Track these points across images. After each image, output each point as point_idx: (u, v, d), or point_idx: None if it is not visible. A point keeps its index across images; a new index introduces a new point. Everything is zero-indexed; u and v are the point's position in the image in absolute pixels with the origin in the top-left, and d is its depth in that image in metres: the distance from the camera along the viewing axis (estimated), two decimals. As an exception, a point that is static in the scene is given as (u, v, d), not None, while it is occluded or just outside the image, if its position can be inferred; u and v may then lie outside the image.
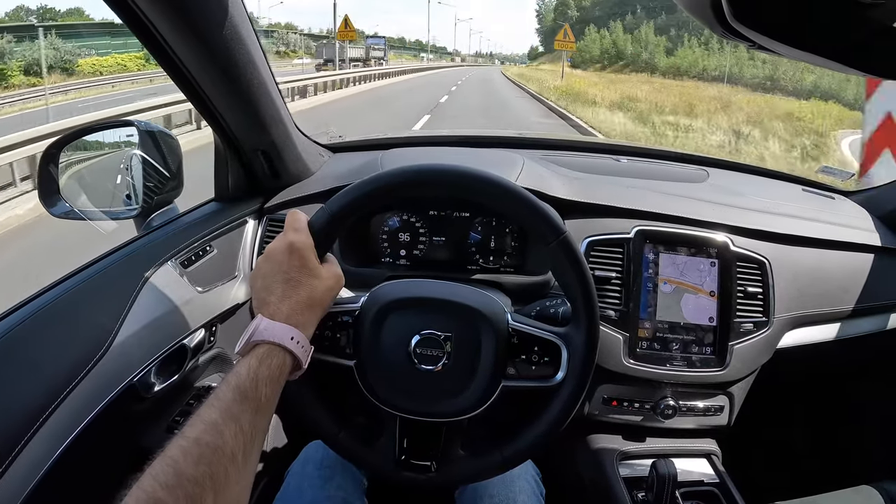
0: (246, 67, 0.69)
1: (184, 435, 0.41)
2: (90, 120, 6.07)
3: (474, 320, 0.59)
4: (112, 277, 0.70)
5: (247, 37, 0.67)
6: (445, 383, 0.58)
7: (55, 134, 6.06)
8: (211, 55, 0.66)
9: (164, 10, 0.58)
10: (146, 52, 0.64)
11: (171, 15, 0.59)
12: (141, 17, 0.58)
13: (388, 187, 0.59)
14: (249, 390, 0.45)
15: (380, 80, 20.22)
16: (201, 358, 0.80)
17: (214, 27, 0.62)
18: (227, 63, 0.67)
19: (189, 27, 0.62)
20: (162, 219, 0.86)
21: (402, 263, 0.89)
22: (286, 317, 0.50)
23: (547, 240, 0.58)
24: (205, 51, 0.65)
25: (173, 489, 0.37)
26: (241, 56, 0.67)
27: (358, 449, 0.61)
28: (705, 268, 0.83)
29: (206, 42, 0.64)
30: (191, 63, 0.67)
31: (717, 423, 0.87)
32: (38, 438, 0.55)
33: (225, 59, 0.67)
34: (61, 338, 0.62)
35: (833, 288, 0.89)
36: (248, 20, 0.68)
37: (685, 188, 0.95)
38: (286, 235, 0.54)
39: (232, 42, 0.65)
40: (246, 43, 0.67)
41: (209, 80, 0.70)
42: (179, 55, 0.65)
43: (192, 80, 0.69)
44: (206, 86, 0.71)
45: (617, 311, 0.82)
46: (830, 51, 0.36)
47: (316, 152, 1.01)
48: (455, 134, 1.22)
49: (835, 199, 1.04)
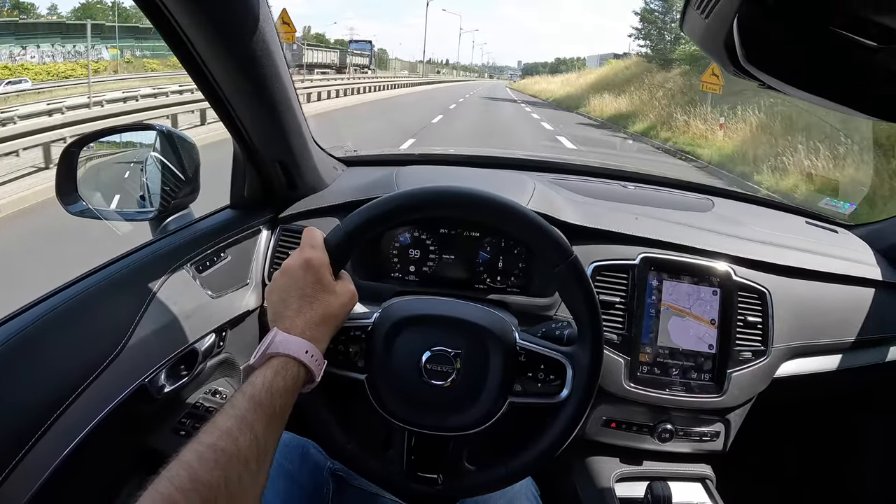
0: (273, 81, 0.72)
1: (199, 440, 0.42)
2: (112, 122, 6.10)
3: (484, 338, 0.61)
4: (129, 279, 0.71)
5: (275, 52, 0.69)
6: (454, 398, 0.60)
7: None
8: (241, 69, 0.68)
9: (200, 24, 0.60)
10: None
11: (206, 28, 0.61)
12: (176, 27, 0.60)
13: (405, 208, 0.61)
14: (264, 400, 0.46)
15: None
16: (209, 362, 0.82)
17: (247, 42, 0.65)
18: (256, 77, 0.70)
19: (223, 41, 0.64)
20: (178, 223, 0.87)
21: (411, 279, 0.91)
22: (301, 331, 0.52)
23: (555, 262, 0.60)
24: (236, 64, 0.67)
25: (188, 493, 0.38)
26: (269, 70, 0.69)
27: (366, 460, 0.62)
28: (707, 296, 0.85)
29: (238, 56, 0.66)
30: (220, 74, 0.69)
31: (713, 448, 0.89)
32: (51, 435, 0.57)
33: (254, 74, 0.69)
34: (77, 336, 0.64)
35: (832, 320, 0.91)
36: (277, 36, 0.70)
37: (690, 217, 0.97)
38: (303, 252, 0.56)
39: (262, 57, 0.67)
40: (274, 58, 0.69)
41: (236, 91, 0.72)
42: (209, 66, 0.67)
43: (220, 90, 0.71)
44: (233, 97, 0.73)
45: (619, 336, 0.83)
46: (837, 94, 0.38)
47: (331, 165, 1.03)
48: (467, 153, 1.24)
49: (838, 233, 1.06)
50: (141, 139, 0.95)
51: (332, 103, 12.97)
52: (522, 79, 64.45)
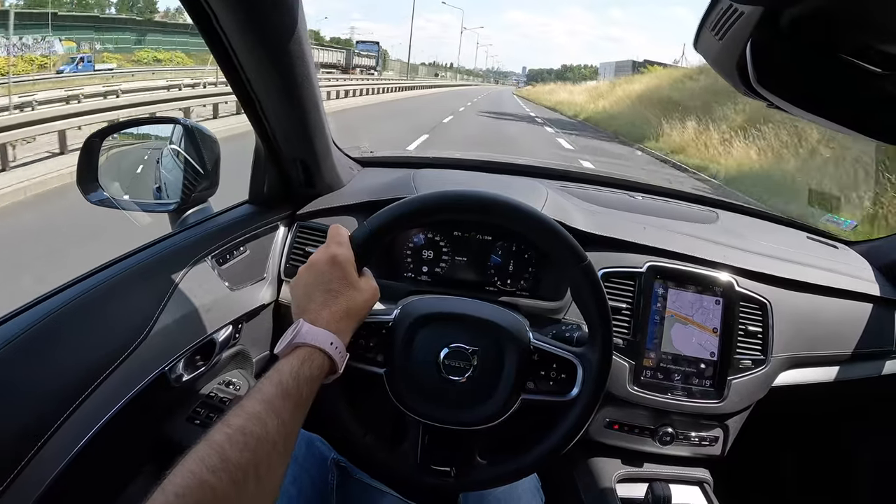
0: (304, 80, 0.74)
1: (228, 423, 0.43)
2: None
3: (500, 337, 0.63)
4: (154, 269, 0.73)
5: (308, 52, 0.72)
6: (470, 394, 0.63)
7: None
8: (274, 69, 0.70)
9: (241, 22, 0.62)
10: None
11: (246, 26, 0.63)
12: (215, 25, 0.62)
13: (429, 209, 0.63)
14: (291, 388, 0.48)
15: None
16: (225, 353, 0.83)
17: (284, 42, 0.67)
18: (289, 76, 0.72)
19: (262, 40, 0.66)
20: (197, 216, 0.89)
21: (423, 279, 0.93)
22: (326, 323, 0.53)
23: (570, 265, 0.63)
24: (269, 64, 0.69)
25: (219, 472, 0.39)
26: (300, 71, 0.72)
27: (380, 452, 0.64)
28: (710, 305, 0.88)
29: (274, 55, 0.68)
30: (253, 72, 0.71)
31: (712, 452, 0.91)
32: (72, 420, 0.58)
33: (288, 73, 0.71)
34: (102, 324, 0.65)
35: (830, 333, 0.93)
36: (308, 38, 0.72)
37: (696, 228, 0.99)
38: (329, 248, 0.58)
39: (297, 58, 0.70)
40: (306, 59, 0.71)
41: (266, 90, 0.74)
42: (244, 64, 0.69)
43: (251, 88, 0.73)
44: (263, 95, 0.75)
45: (625, 340, 0.86)
46: (843, 117, 0.40)
47: (347, 165, 1.05)
48: (480, 158, 1.27)
49: (838, 249, 1.09)
50: (162, 132, 0.97)
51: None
52: (528, 85, 59.45)
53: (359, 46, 30.87)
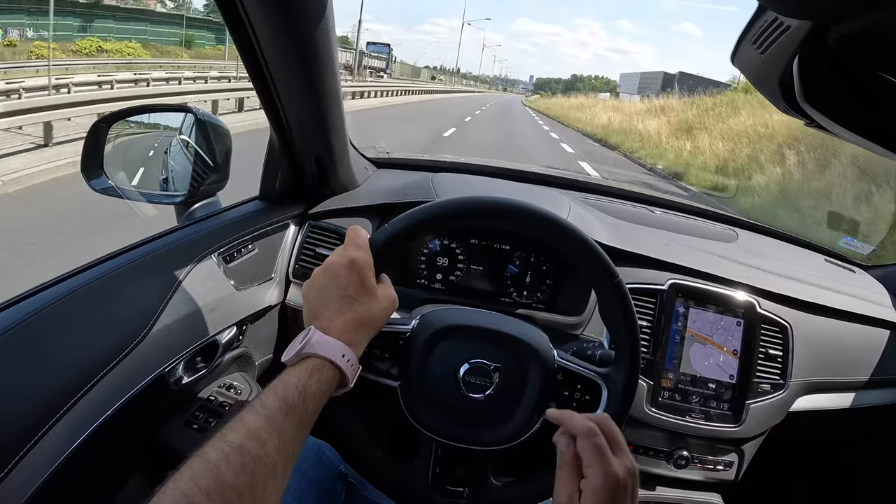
0: (327, 74, 0.71)
1: (226, 439, 0.40)
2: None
3: (524, 354, 0.60)
4: (156, 264, 0.69)
5: (333, 46, 0.69)
6: (488, 413, 0.59)
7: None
8: (298, 61, 0.67)
9: (268, 13, 0.60)
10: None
11: (273, 18, 0.60)
12: (242, 15, 0.60)
13: (455, 214, 0.60)
14: (297, 403, 0.44)
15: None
16: (227, 356, 0.80)
17: (311, 35, 0.64)
18: (312, 70, 0.69)
19: (288, 32, 0.63)
20: (204, 210, 0.85)
21: (437, 287, 0.90)
22: (339, 332, 0.50)
23: (600, 283, 0.60)
24: (293, 56, 0.67)
25: (213, 496, 0.36)
26: (323, 64, 0.69)
27: (391, 469, 0.61)
28: (731, 326, 0.85)
29: (299, 48, 0.65)
30: (276, 64, 0.68)
31: (725, 477, 0.89)
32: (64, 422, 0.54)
33: (311, 66, 0.68)
34: (97, 321, 0.61)
35: (848, 359, 0.92)
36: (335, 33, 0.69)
37: (717, 247, 0.97)
38: (347, 250, 0.54)
39: (323, 51, 0.67)
40: (331, 53, 0.69)
41: (286, 77, 0.71)
42: (267, 56, 0.66)
43: (271, 80, 0.70)
44: (283, 88, 0.72)
45: (644, 360, 0.83)
46: (887, 139, 0.38)
47: (362, 165, 1.02)
48: (498, 165, 1.24)
49: (855, 272, 1.08)
50: (173, 121, 0.93)
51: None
52: (535, 94, 55.74)
53: (369, 47, 30.66)
